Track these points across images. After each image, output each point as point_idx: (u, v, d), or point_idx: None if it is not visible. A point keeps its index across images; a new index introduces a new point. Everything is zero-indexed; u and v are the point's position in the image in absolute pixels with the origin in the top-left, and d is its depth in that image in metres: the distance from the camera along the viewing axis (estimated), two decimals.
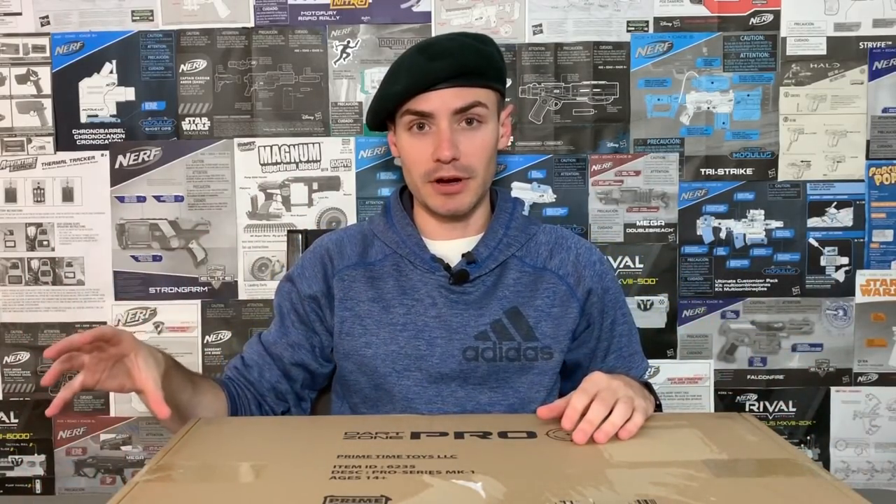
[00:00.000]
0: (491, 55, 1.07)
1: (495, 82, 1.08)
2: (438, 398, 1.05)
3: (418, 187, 1.08)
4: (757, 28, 1.51)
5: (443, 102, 1.02)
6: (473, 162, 1.04)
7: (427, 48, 1.06)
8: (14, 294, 1.55)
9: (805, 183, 1.53)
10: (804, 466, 0.72)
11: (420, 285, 1.08)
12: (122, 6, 1.51)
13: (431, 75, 1.02)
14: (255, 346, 1.14)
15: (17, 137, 1.54)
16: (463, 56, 1.03)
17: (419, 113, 1.04)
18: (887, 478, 1.55)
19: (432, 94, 1.02)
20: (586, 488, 0.66)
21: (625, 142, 1.53)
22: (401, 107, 1.05)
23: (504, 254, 1.10)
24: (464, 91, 1.03)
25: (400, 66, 1.07)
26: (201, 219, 1.55)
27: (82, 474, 1.57)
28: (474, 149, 1.04)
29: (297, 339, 1.11)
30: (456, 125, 1.04)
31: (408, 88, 1.03)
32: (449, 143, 1.01)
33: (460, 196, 1.05)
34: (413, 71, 1.03)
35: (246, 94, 1.53)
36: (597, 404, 0.81)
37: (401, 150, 1.09)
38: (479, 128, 1.05)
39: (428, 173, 1.05)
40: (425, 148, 1.04)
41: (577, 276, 1.11)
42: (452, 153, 1.01)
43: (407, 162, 1.08)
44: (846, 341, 1.54)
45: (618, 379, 0.86)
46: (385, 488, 0.65)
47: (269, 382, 1.11)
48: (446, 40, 1.08)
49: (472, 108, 1.04)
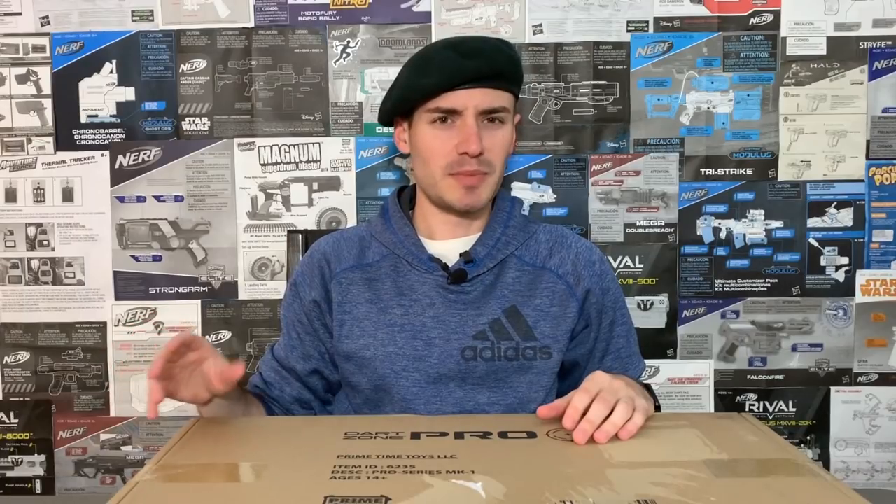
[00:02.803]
0: (518, 62, 1.09)
1: (516, 87, 1.10)
2: (437, 398, 1.05)
3: (436, 180, 1.07)
4: (757, 28, 1.51)
5: (472, 101, 1.03)
6: (494, 158, 1.06)
7: (458, 45, 1.06)
8: (14, 294, 1.55)
9: (805, 183, 1.53)
10: (804, 466, 0.72)
11: (418, 286, 1.08)
12: (122, 6, 1.51)
13: (465, 73, 1.02)
14: (269, 362, 1.15)
15: (17, 137, 1.54)
16: (495, 58, 1.04)
17: (447, 110, 1.04)
18: (887, 478, 1.55)
19: (462, 92, 1.03)
20: (586, 488, 0.66)
21: (625, 142, 1.53)
22: (425, 101, 1.05)
23: (503, 252, 1.10)
24: (492, 93, 1.04)
25: (429, 60, 1.06)
26: (201, 219, 1.55)
27: (82, 474, 1.57)
28: (496, 146, 1.06)
29: (307, 349, 1.12)
30: (480, 122, 1.05)
31: (440, 83, 1.03)
32: (477, 138, 1.02)
33: (479, 190, 1.06)
34: (445, 67, 1.03)
35: (246, 94, 1.53)
36: (598, 404, 0.81)
37: (419, 143, 1.08)
38: (501, 127, 1.07)
39: (450, 165, 1.05)
40: (448, 140, 1.04)
41: (577, 275, 1.11)
42: (480, 147, 1.02)
43: (425, 154, 1.07)
44: (846, 341, 1.54)
45: (619, 379, 0.86)
46: (385, 488, 0.65)
47: (291, 396, 1.13)
48: (478, 41, 1.08)
49: (496, 112, 1.05)
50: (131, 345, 1.55)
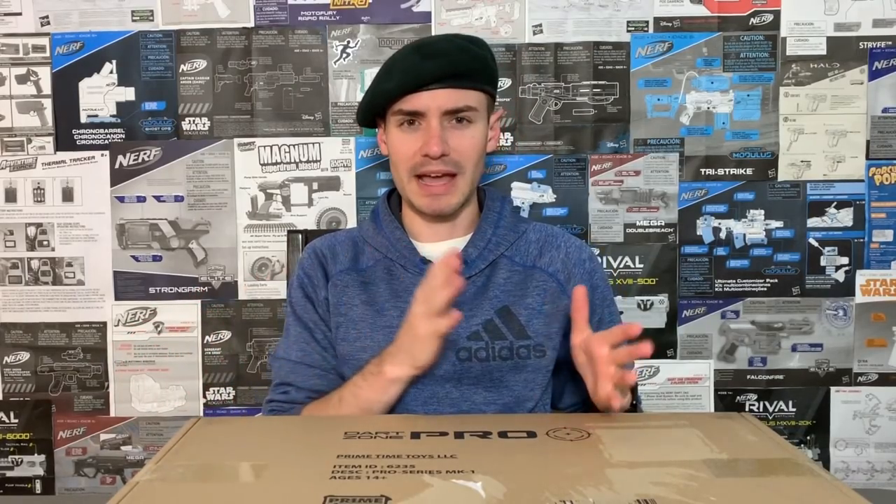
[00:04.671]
0: (485, 58, 1.08)
1: (487, 85, 1.09)
2: (434, 399, 1.05)
3: (404, 184, 1.09)
4: (757, 28, 1.51)
5: (434, 102, 1.03)
6: (462, 158, 1.06)
7: (422, 48, 1.06)
8: (14, 294, 1.55)
9: (805, 183, 1.53)
10: (804, 466, 0.72)
11: (412, 288, 1.07)
12: (122, 6, 1.51)
13: (424, 75, 1.03)
14: (295, 368, 1.11)
15: (17, 137, 1.54)
16: (457, 58, 1.04)
17: (410, 112, 1.05)
18: (887, 478, 1.55)
19: (424, 93, 1.03)
20: (586, 488, 0.66)
21: (625, 142, 1.53)
22: (392, 105, 1.06)
23: (493, 253, 1.10)
24: (455, 93, 1.04)
25: (394, 63, 1.07)
26: (201, 219, 1.55)
27: (82, 474, 1.57)
28: (463, 146, 1.05)
29: (327, 344, 1.11)
30: (446, 123, 1.05)
31: (400, 86, 1.04)
32: (438, 139, 1.03)
33: (446, 197, 1.06)
34: (406, 70, 1.04)
35: (246, 94, 1.53)
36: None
37: (390, 146, 1.10)
38: (469, 126, 1.07)
39: (414, 167, 1.06)
40: (414, 143, 1.05)
41: (567, 273, 1.11)
42: (441, 149, 1.03)
43: (394, 157, 1.09)
44: (846, 341, 1.54)
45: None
46: (385, 488, 0.65)
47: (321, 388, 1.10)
48: (442, 41, 1.09)
49: (462, 112, 1.05)
50: (131, 345, 1.55)
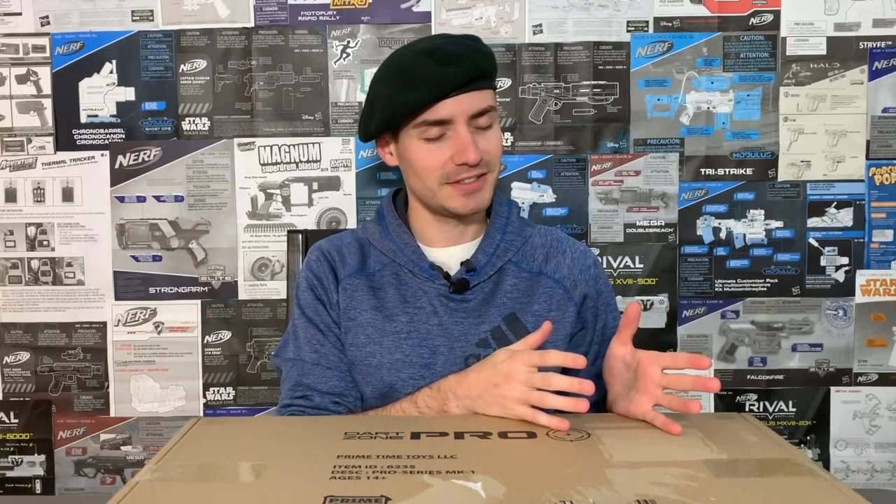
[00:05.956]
0: (493, 56, 1.09)
1: (494, 81, 1.10)
2: None
3: (434, 192, 1.06)
4: (757, 28, 1.51)
5: (460, 108, 1.02)
6: (491, 158, 1.06)
7: (433, 53, 1.03)
8: (14, 294, 1.55)
9: (805, 183, 1.53)
10: (804, 466, 0.72)
11: (420, 293, 1.08)
12: (122, 6, 1.51)
13: (449, 82, 1.00)
14: (317, 371, 1.08)
15: (17, 137, 1.54)
16: (476, 60, 1.03)
17: (436, 122, 1.02)
18: (887, 478, 1.55)
19: (448, 101, 1.01)
20: (586, 488, 0.66)
21: (625, 142, 1.53)
22: (413, 116, 1.03)
23: (501, 259, 1.10)
24: (476, 95, 1.03)
25: (409, 73, 1.03)
26: (201, 219, 1.55)
27: (82, 474, 1.57)
28: (491, 147, 1.05)
29: (340, 345, 1.09)
30: (472, 127, 1.04)
31: (426, 97, 1.01)
32: (473, 147, 1.01)
33: (480, 193, 1.06)
34: (426, 78, 1.01)
35: (246, 94, 1.53)
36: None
37: (410, 158, 1.06)
38: (491, 127, 1.07)
39: (446, 176, 1.03)
40: (442, 153, 1.03)
41: (573, 279, 1.11)
42: (479, 156, 1.02)
43: (419, 169, 1.05)
44: (846, 341, 1.54)
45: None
46: (385, 488, 0.65)
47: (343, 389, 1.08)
48: (451, 44, 1.06)
49: (485, 113, 1.04)
50: (131, 345, 1.55)
